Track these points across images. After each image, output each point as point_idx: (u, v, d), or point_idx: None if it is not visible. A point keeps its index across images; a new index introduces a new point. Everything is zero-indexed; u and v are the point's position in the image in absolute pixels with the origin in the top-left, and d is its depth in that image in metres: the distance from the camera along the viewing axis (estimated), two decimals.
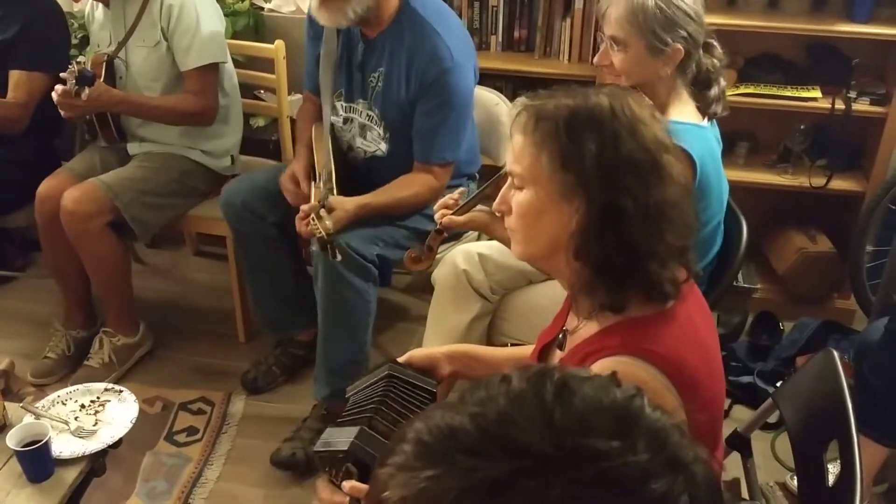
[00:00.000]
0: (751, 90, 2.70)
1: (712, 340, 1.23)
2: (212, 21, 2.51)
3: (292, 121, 2.69)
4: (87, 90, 2.35)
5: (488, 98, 2.53)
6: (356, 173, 2.32)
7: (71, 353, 2.65)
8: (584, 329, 1.23)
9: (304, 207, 2.10)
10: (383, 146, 2.29)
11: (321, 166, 2.27)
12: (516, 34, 2.91)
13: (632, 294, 1.14)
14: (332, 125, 2.35)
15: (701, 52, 1.86)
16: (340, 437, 1.19)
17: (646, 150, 1.12)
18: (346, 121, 2.34)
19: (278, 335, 2.65)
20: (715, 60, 1.89)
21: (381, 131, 2.28)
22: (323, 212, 2.03)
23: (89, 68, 2.40)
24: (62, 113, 2.42)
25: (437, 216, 1.79)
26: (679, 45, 1.79)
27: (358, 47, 2.25)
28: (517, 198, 1.19)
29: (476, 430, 0.56)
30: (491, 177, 1.85)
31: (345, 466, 1.14)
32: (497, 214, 1.28)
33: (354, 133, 2.33)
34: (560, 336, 1.31)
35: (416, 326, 2.70)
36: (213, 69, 2.52)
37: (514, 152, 1.18)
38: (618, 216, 1.11)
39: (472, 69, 2.25)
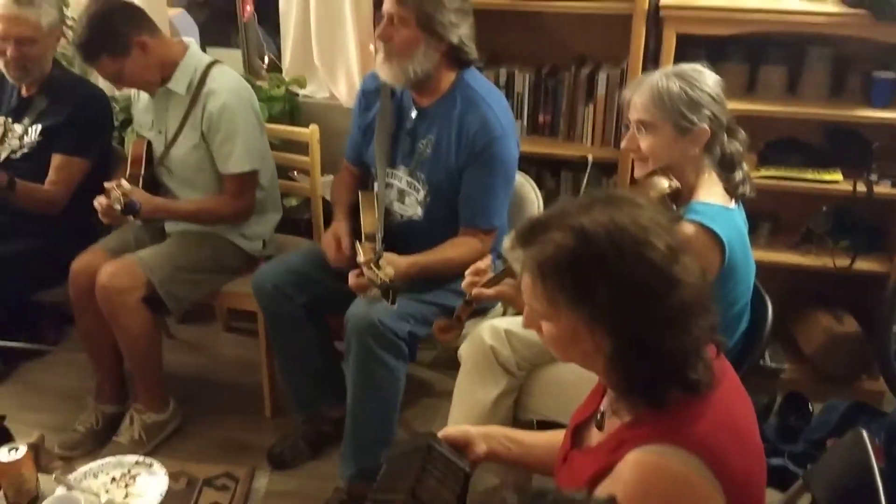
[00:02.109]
0: (772, 173, 2.74)
1: (748, 419, 1.23)
2: (252, 129, 2.57)
3: (325, 201, 2.77)
4: (131, 218, 2.45)
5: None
6: (389, 237, 2.37)
7: (99, 427, 2.67)
8: (621, 410, 1.23)
9: (360, 261, 2.16)
10: (420, 211, 2.36)
11: (369, 227, 2.33)
12: (541, 119, 2.99)
13: (668, 391, 1.14)
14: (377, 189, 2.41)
15: (725, 135, 1.91)
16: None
17: (658, 270, 1.12)
18: (386, 186, 2.41)
19: (307, 412, 2.66)
20: (738, 144, 1.94)
21: (419, 196, 2.34)
22: (382, 262, 2.08)
23: (130, 157, 2.47)
24: (103, 220, 2.45)
25: (464, 285, 1.83)
26: (705, 125, 1.85)
27: (410, 115, 2.35)
28: (544, 328, 1.22)
29: None
30: None
31: None
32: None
33: (392, 198, 2.39)
34: (598, 416, 1.31)
35: (442, 402, 2.70)
36: (252, 173, 2.60)
37: (527, 293, 1.20)
38: (642, 342, 1.12)
39: (516, 142, 2.35)
